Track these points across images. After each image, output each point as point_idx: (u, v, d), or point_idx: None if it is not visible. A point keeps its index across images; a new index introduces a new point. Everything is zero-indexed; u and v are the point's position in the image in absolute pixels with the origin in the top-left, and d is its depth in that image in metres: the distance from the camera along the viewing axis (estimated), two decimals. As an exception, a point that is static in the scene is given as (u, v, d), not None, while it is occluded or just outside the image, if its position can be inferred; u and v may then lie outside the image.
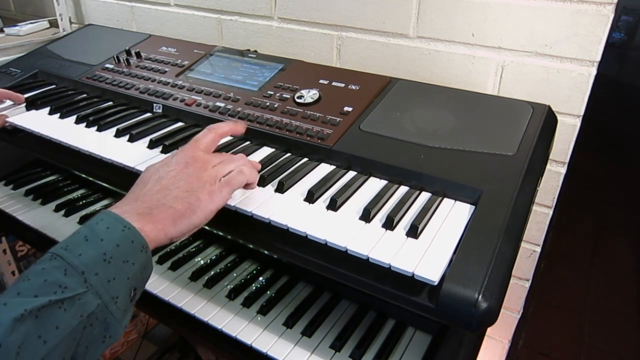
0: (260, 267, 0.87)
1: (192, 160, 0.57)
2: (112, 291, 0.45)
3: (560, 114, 0.81)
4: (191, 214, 0.53)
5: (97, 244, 0.46)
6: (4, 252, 1.45)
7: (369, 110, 0.78)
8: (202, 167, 0.57)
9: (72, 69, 1.06)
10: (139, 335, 1.58)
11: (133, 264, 0.48)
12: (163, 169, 0.57)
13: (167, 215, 0.52)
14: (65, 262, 0.44)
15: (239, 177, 0.59)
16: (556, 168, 0.87)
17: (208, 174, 0.57)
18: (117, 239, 0.47)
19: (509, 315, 1.06)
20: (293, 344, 0.69)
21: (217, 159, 0.60)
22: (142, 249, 0.49)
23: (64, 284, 0.42)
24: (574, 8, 0.76)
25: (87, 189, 1.13)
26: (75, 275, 0.43)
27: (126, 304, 0.47)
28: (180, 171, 0.56)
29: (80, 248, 0.45)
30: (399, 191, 0.65)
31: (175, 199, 0.53)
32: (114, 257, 0.46)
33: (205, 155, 0.60)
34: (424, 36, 0.92)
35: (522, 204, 0.58)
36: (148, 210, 0.51)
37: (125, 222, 0.48)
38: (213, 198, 0.55)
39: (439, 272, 0.49)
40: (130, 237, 0.48)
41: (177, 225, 0.52)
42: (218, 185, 0.56)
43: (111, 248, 0.46)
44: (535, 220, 0.93)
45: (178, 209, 0.52)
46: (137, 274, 0.48)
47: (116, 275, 0.46)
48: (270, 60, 0.96)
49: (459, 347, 0.67)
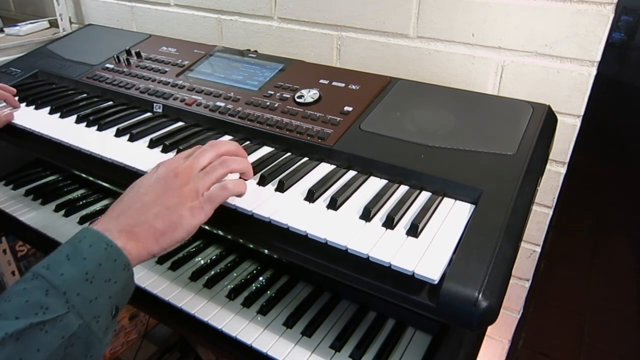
0: (260, 267, 0.87)
1: (173, 174, 0.56)
2: (94, 311, 0.45)
3: (560, 114, 0.81)
4: (173, 231, 0.53)
5: (80, 263, 0.46)
6: (4, 252, 1.45)
7: (369, 110, 0.78)
8: (183, 181, 0.56)
9: (72, 69, 1.07)
10: (139, 335, 1.58)
11: (115, 283, 0.48)
12: (146, 184, 0.56)
13: (148, 234, 0.52)
14: (47, 282, 0.44)
15: (221, 192, 0.57)
16: (556, 168, 0.87)
17: (189, 189, 0.56)
18: (99, 257, 0.47)
19: (509, 315, 1.06)
20: (293, 344, 0.69)
21: (201, 161, 0.59)
22: (124, 267, 0.49)
23: (45, 305, 0.42)
24: (574, 8, 0.76)
25: (87, 189, 1.13)
26: (56, 296, 0.43)
27: (108, 323, 0.47)
28: (161, 186, 0.55)
29: (62, 267, 0.45)
30: (399, 190, 0.65)
31: (156, 216, 0.53)
32: (96, 276, 0.46)
33: (187, 164, 0.58)
34: (424, 36, 0.92)
35: (522, 204, 0.58)
36: (130, 228, 0.51)
37: (107, 240, 0.48)
38: (194, 214, 0.55)
39: (439, 271, 0.49)
40: (113, 255, 0.48)
41: (159, 243, 0.53)
42: (200, 200, 0.56)
43: (93, 267, 0.46)
44: (535, 220, 0.93)
45: (159, 227, 0.52)
46: (119, 292, 0.48)
47: (98, 295, 0.46)
48: (270, 60, 0.96)
49: (459, 347, 0.67)
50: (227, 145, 0.64)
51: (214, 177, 0.58)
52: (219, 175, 0.59)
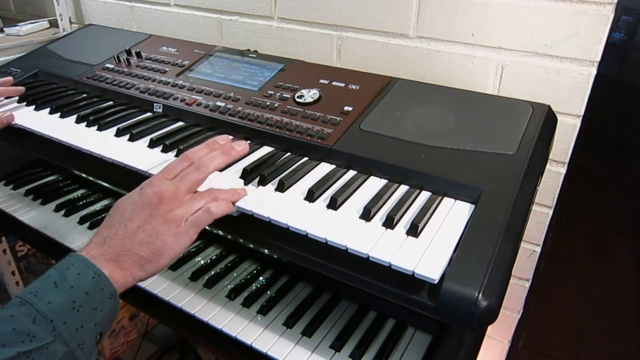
0: (260, 267, 0.87)
1: (158, 199, 0.55)
2: (79, 338, 0.46)
3: (560, 114, 0.81)
4: (158, 258, 0.53)
5: (67, 291, 0.46)
6: (4, 252, 1.45)
7: (369, 109, 0.78)
8: (168, 207, 0.55)
9: (73, 69, 1.07)
10: (139, 335, 1.58)
11: (101, 311, 0.48)
12: (129, 208, 0.55)
13: (133, 262, 0.52)
14: (35, 309, 0.44)
15: (205, 216, 0.56)
16: (556, 168, 0.87)
17: (174, 215, 0.55)
18: (87, 286, 0.47)
19: (509, 315, 1.06)
20: (293, 344, 0.69)
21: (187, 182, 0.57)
22: (110, 296, 0.49)
23: (32, 333, 0.43)
24: (574, 8, 0.76)
25: (87, 189, 1.13)
26: (43, 324, 0.44)
27: (91, 348, 0.48)
28: (146, 213, 0.55)
29: (50, 295, 0.46)
30: (399, 190, 0.65)
31: (140, 244, 0.53)
32: (83, 305, 0.46)
33: (173, 190, 0.56)
34: (424, 36, 0.92)
35: (522, 204, 0.58)
36: (115, 256, 0.52)
37: (95, 268, 0.49)
38: (178, 240, 0.54)
39: (439, 271, 0.49)
40: (100, 284, 0.49)
41: (144, 270, 0.53)
42: (184, 226, 0.55)
43: (80, 296, 0.47)
44: (535, 220, 0.93)
45: (144, 255, 0.53)
46: (105, 319, 0.49)
47: (84, 323, 0.46)
48: (270, 60, 0.96)
49: (459, 347, 0.67)
50: (215, 160, 0.61)
51: (199, 205, 0.57)
52: (205, 204, 0.58)
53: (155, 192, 0.56)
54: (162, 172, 0.59)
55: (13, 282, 1.50)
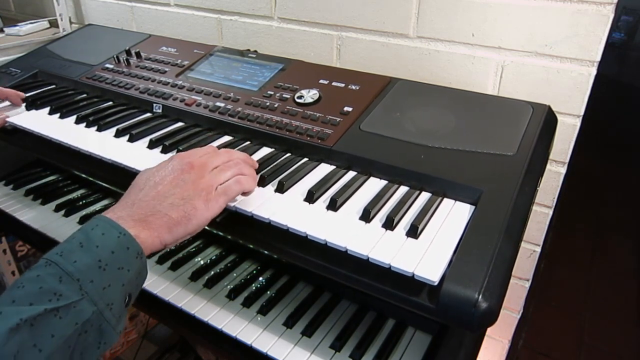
0: (260, 267, 0.87)
1: (189, 166, 0.57)
2: (107, 298, 0.45)
3: (560, 114, 0.81)
4: (187, 222, 0.53)
5: (92, 251, 0.46)
6: (4, 252, 1.45)
7: (369, 110, 0.78)
8: (199, 174, 0.57)
9: (72, 69, 1.06)
10: (139, 335, 1.58)
11: (128, 271, 0.48)
12: (159, 174, 0.56)
13: (162, 223, 0.52)
14: (61, 269, 0.44)
15: (236, 186, 0.58)
16: (556, 168, 0.87)
17: (205, 182, 0.56)
18: (112, 245, 0.47)
19: (509, 315, 1.06)
20: (293, 344, 0.69)
21: (215, 161, 0.60)
22: (137, 255, 0.49)
23: (59, 292, 0.42)
24: (574, 8, 0.76)
25: (87, 189, 1.13)
26: (70, 283, 0.43)
27: (121, 310, 0.47)
28: (176, 177, 0.56)
29: (75, 255, 0.45)
30: (399, 191, 0.65)
31: (171, 206, 0.53)
32: (109, 264, 0.46)
33: (202, 160, 0.59)
34: (424, 36, 0.92)
35: (522, 204, 0.58)
36: (144, 216, 0.51)
37: (120, 228, 0.48)
38: (209, 206, 0.55)
39: (439, 272, 0.49)
40: (126, 243, 0.48)
41: (172, 233, 0.52)
42: (215, 193, 0.56)
43: (106, 255, 0.46)
44: (535, 220, 0.93)
45: (174, 217, 0.52)
46: (132, 280, 0.48)
47: (111, 282, 0.46)
48: (270, 60, 0.96)
49: (459, 347, 0.67)
50: (239, 153, 0.65)
51: (228, 174, 0.59)
52: (233, 174, 0.60)
53: (187, 161, 0.58)
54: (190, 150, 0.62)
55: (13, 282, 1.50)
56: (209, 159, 0.60)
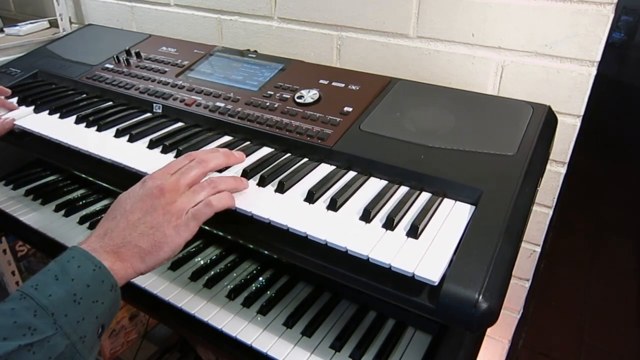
0: (260, 267, 0.87)
1: (158, 191, 0.56)
2: (81, 331, 0.46)
3: (560, 114, 0.81)
4: (158, 250, 0.53)
5: (68, 284, 0.46)
6: (4, 252, 1.45)
7: (369, 110, 0.78)
8: (169, 199, 0.56)
9: (72, 69, 1.06)
10: (139, 335, 1.58)
11: (102, 303, 0.48)
12: (130, 201, 0.56)
13: (133, 254, 0.52)
14: (35, 302, 0.44)
15: (206, 210, 0.57)
16: (556, 168, 0.87)
17: (175, 207, 0.55)
18: (87, 279, 0.47)
19: (509, 315, 1.06)
20: (293, 344, 0.69)
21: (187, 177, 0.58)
22: (111, 288, 0.49)
23: (33, 326, 0.42)
24: (574, 8, 0.76)
25: (87, 189, 1.13)
26: (45, 317, 0.44)
27: (93, 341, 0.48)
28: (146, 204, 0.55)
29: (51, 288, 0.45)
30: (399, 191, 0.65)
31: (140, 236, 0.53)
32: (83, 297, 0.46)
33: (172, 181, 0.57)
34: (424, 36, 0.92)
35: (522, 204, 0.58)
36: (116, 248, 0.52)
37: (96, 260, 0.49)
38: (179, 232, 0.55)
39: (439, 273, 0.49)
40: (101, 276, 0.48)
41: (145, 262, 0.53)
42: (185, 218, 0.55)
43: (81, 288, 0.46)
44: (535, 220, 0.93)
45: (144, 247, 0.53)
46: (106, 312, 0.49)
47: (85, 316, 0.46)
48: (270, 60, 0.96)
49: (459, 347, 0.67)
50: (216, 159, 0.63)
51: (201, 196, 0.58)
52: (207, 194, 0.58)
53: (157, 184, 0.57)
54: (164, 168, 0.61)
55: (13, 282, 1.50)
56: (180, 177, 0.58)
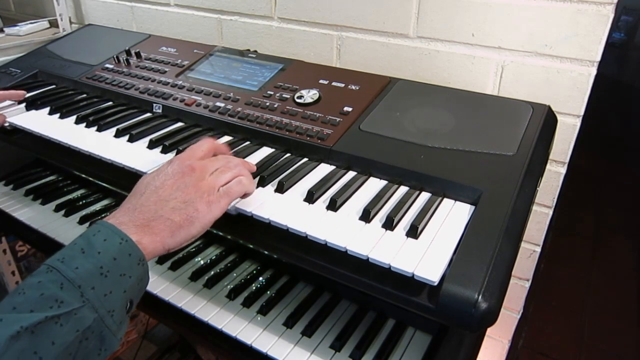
0: (260, 267, 0.87)
1: (189, 169, 0.56)
2: (108, 305, 0.45)
3: (560, 114, 0.81)
4: (189, 225, 0.53)
5: (94, 257, 0.46)
6: (4, 252, 1.45)
7: (369, 110, 0.78)
8: (200, 176, 0.56)
9: (72, 69, 1.06)
10: (139, 335, 1.58)
11: (130, 277, 0.47)
12: (160, 178, 0.56)
13: (164, 227, 0.51)
14: (62, 275, 0.43)
15: (237, 187, 0.58)
16: (556, 168, 0.87)
17: (206, 183, 0.56)
18: (114, 252, 0.47)
19: (509, 315, 1.06)
20: (293, 344, 0.69)
21: (215, 164, 0.59)
22: (139, 262, 0.48)
23: (60, 299, 0.42)
24: (574, 8, 0.76)
25: (87, 189, 1.13)
26: (71, 290, 0.43)
27: (122, 317, 0.47)
28: (177, 180, 0.55)
29: (77, 261, 0.45)
30: (399, 191, 0.65)
31: (172, 210, 0.52)
32: (110, 270, 0.46)
33: (202, 162, 0.59)
34: (424, 36, 0.92)
35: (522, 204, 0.58)
36: (146, 222, 0.51)
37: (122, 234, 0.48)
38: (211, 208, 0.55)
39: (439, 273, 0.49)
40: (128, 250, 0.48)
41: (174, 237, 0.52)
42: (216, 195, 0.56)
43: (108, 261, 0.46)
44: (535, 220, 0.93)
45: (176, 220, 0.52)
46: (134, 286, 0.48)
47: (113, 289, 0.46)
48: (270, 60, 0.96)
49: (459, 347, 0.67)
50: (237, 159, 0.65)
51: (229, 175, 0.59)
52: (234, 175, 0.59)
53: (187, 164, 0.57)
54: (189, 151, 0.61)
55: (13, 282, 1.50)
56: (208, 162, 0.60)
